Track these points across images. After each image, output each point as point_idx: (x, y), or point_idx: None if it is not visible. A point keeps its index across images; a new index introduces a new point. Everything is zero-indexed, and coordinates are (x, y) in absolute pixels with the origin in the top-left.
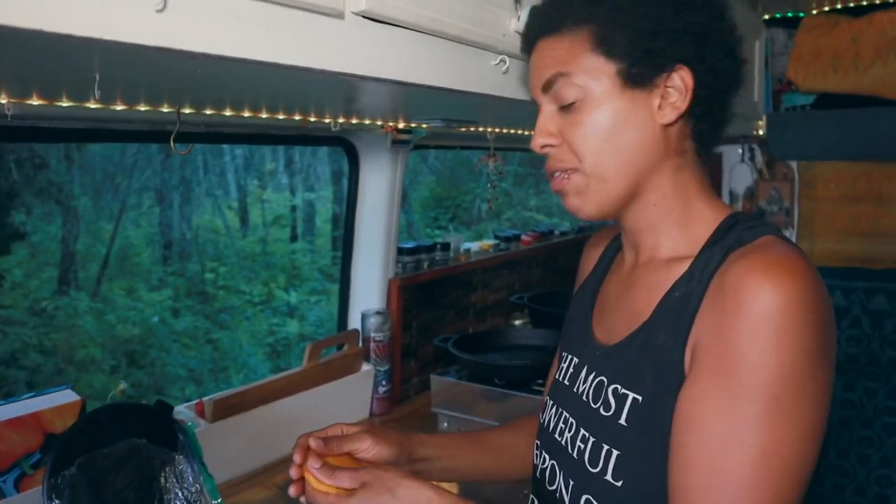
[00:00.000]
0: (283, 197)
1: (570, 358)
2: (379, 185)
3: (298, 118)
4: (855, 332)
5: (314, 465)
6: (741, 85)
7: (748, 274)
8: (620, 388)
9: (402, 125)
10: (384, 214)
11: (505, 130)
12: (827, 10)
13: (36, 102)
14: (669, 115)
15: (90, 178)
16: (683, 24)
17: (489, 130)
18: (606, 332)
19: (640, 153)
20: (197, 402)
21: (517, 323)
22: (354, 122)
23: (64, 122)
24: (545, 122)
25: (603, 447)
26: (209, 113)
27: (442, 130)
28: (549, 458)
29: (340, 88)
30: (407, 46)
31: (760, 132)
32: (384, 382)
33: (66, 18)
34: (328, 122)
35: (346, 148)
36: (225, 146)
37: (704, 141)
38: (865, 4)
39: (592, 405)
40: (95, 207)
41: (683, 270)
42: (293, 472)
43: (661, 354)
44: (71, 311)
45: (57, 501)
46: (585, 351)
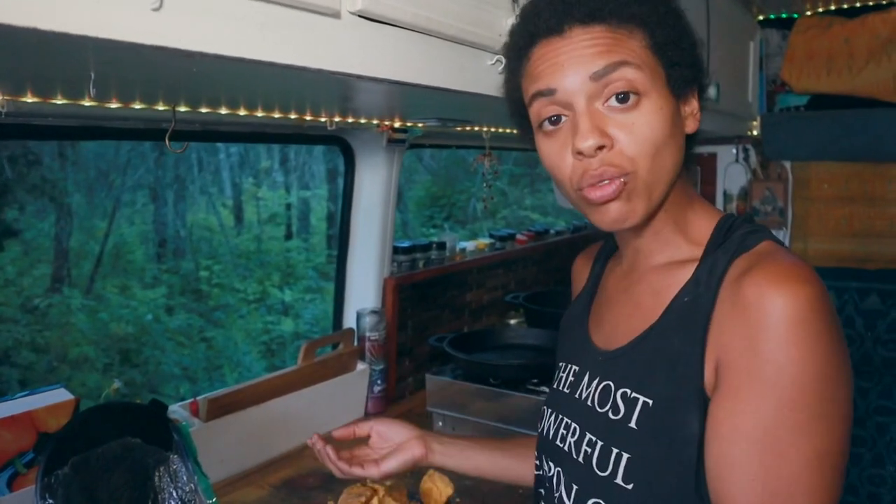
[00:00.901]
0: (277, 195)
1: (569, 367)
2: (374, 184)
3: (294, 117)
4: (848, 331)
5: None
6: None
7: (767, 285)
8: (630, 391)
9: (397, 124)
10: (380, 213)
11: (500, 130)
12: (821, 11)
13: (30, 100)
14: (692, 125)
15: (84, 175)
16: (694, 43)
17: (485, 130)
18: (607, 337)
19: (679, 159)
20: (191, 401)
21: (512, 322)
22: (350, 121)
23: (58, 119)
24: (597, 118)
25: (612, 451)
26: (205, 111)
27: (437, 129)
28: (553, 465)
29: (336, 87)
30: (403, 46)
31: (754, 133)
32: (379, 382)
33: (61, 16)
34: (324, 120)
35: (341, 147)
36: (219, 144)
37: (690, 150)
38: (859, 6)
39: (599, 409)
40: (89, 204)
41: (687, 274)
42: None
43: (676, 359)
44: (64, 308)
45: (51, 501)
46: (586, 358)
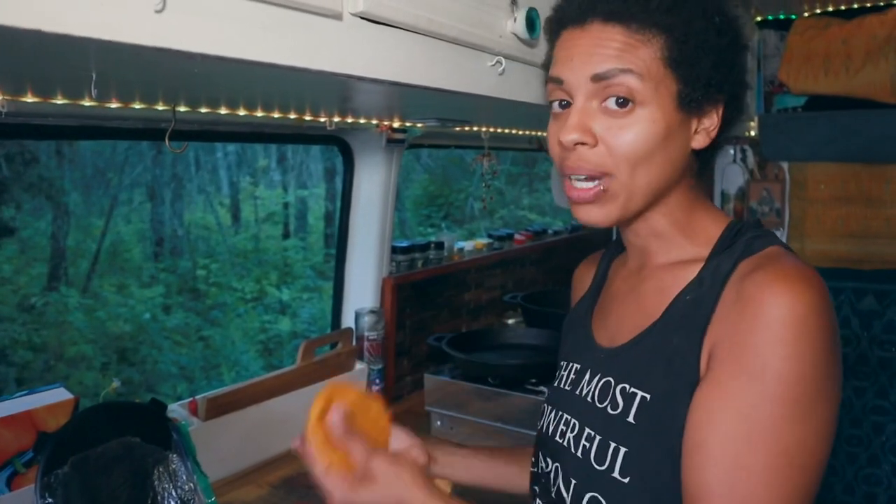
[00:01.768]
0: (275, 194)
1: (570, 365)
2: (373, 183)
3: (293, 117)
4: (844, 332)
5: (336, 415)
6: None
7: (767, 284)
8: (629, 387)
9: (396, 124)
10: (378, 213)
11: (499, 130)
12: (818, 12)
13: (30, 100)
14: (702, 141)
15: (81, 173)
16: (733, 62)
17: (484, 130)
18: (610, 335)
19: (669, 172)
20: (190, 400)
21: (510, 322)
22: (349, 121)
23: (58, 119)
24: (584, 116)
25: (610, 445)
26: (204, 111)
27: (436, 129)
28: (551, 461)
29: (337, 88)
30: (404, 47)
31: (752, 133)
32: (378, 381)
33: (64, 18)
34: (323, 121)
35: (340, 147)
36: (217, 143)
37: (706, 161)
38: (856, 7)
39: (598, 405)
40: (86, 203)
41: (692, 274)
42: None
43: (674, 355)
44: (61, 307)
45: (50, 500)
46: (588, 356)
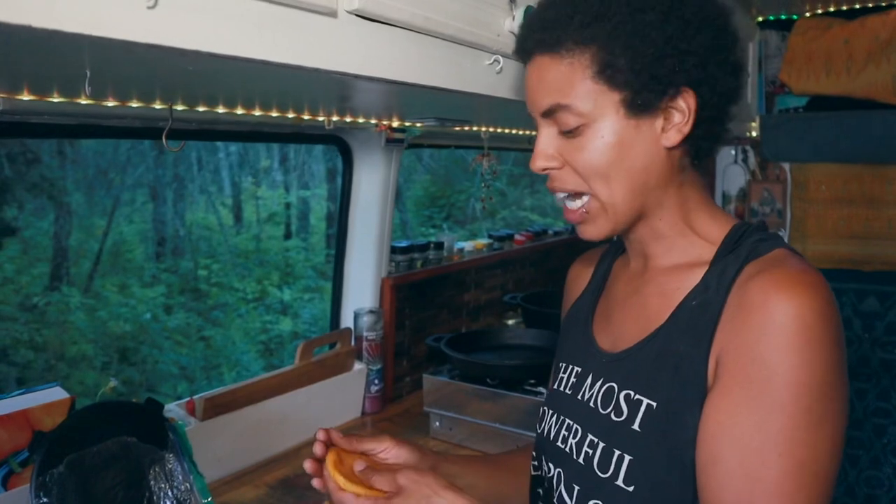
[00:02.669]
0: (277, 194)
1: (570, 368)
2: (372, 183)
3: (292, 116)
4: (846, 333)
5: (358, 466)
6: (741, 98)
7: (774, 289)
8: (634, 393)
9: (396, 124)
10: (378, 213)
11: (499, 130)
12: (820, 12)
13: (27, 98)
14: (673, 137)
15: (83, 173)
16: (687, 46)
17: (483, 130)
18: (612, 339)
19: (646, 177)
20: (188, 400)
21: (510, 322)
22: (348, 120)
23: (55, 117)
24: (545, 144)
25: (614, 452)
26: (202, 110)
27: (436, 129)
28: (552, 466)
29: (334, 87)
30: (400, 45)
31: (753, 134)
32: (376, 381)
33: (55, 13)
34: (322, 120)
35: (339, 146)
36: (219, 143)
37: (701, 155)
38: (858, 8)
39: (601, 411)
40: (88, 203)
41: (696, 278)
42: (309, 466)
43: (681, 362)
44: (62, 307)
45: (45, 499)
46: (589, 359)
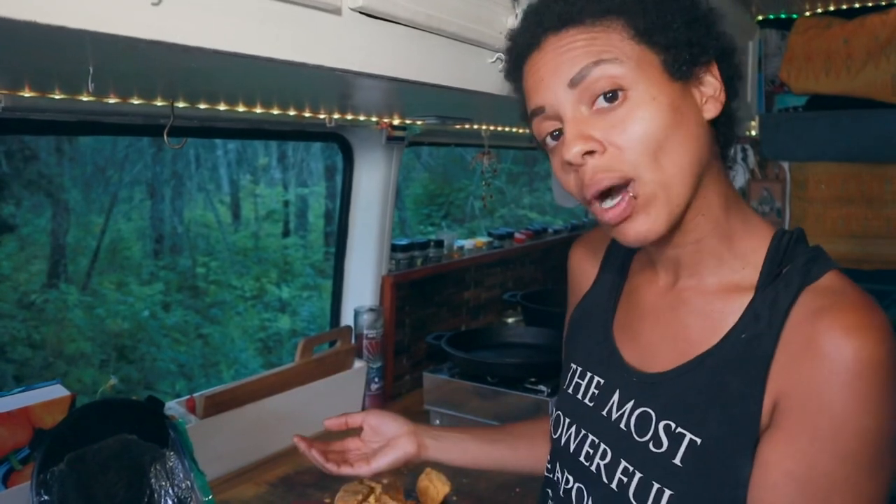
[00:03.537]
0: (275, 192)
1: (589, 376)
2: (373, 181)
3: (293, 113)
4: None
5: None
6: (739, 81)
7: (844, 335)
8: (675, 426)
9: (396, 122)
10: (378, 211)
11: (499, 128)
12: (820, 11)
13: (28, 94)
14: (713, 108)
15: (81, 170)
16: (705, 18)
17: (484, 128)
18: (641, 356)
19: (697, 152)
20: (188, 398)
21: (510, 321)
22: (349, 118)
23: (56, 114)
24: (580, 125)
25: (653, 485)
26: (203, 107)
27: (437, 127)
28: (572, 479)
29: (336, 84)
30: (403, 43)
31: (753, 133)
32: (376, 379)
33: (59, 10)
34: (323, 117)
35: (340, 144)
36: (217, 140)
37: (728, 138)
38: (858, 7)
39: (637, 437)
40: (86, 200)
41: (742, 302)
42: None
43: (731, 399)
44: (60, 304)
45: (46, 497)
46: (614, 374)
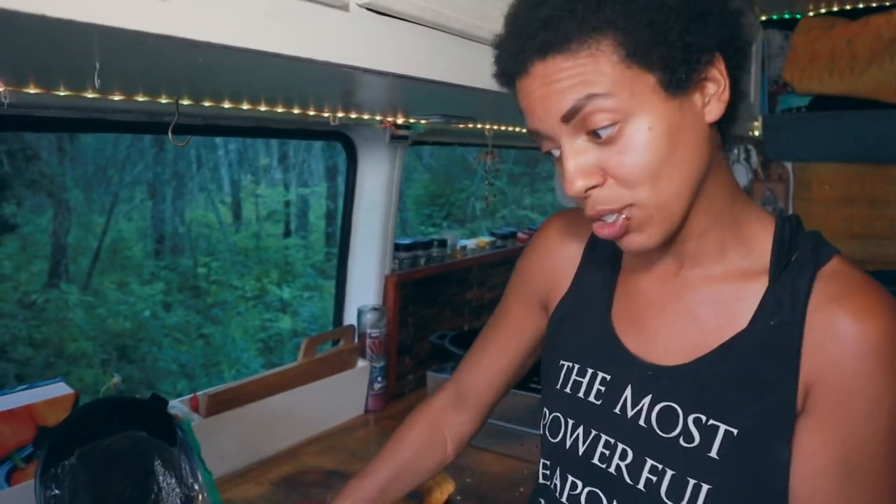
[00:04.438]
0: (276, 192)
1: (590, 372)
2: (377, 180)
3: (297, 112)
4: None
5: None
6: (751, 51)
7: (867, 319)
8: (706, 418)
9: (400, 120)
10: (382, 210)
11: (503, 127)
12: (823, 12)
13: (32, 91)
14: (716, 109)
15: (82, 170)
16: (702, 8)
17: (487, 127)
18: (650, 348)
19: (696, 163)
20: (191, 396)
21: None
22: (353, 116)
23: (60, 111)
24: (577, 158)
25: (688, 481)
26: (208, 105)
27: (440, 126)
28: (582, 484)
29: (341, 81)
30: (410, 40)
31: (756, 133)
32: (379, 379)
33: (68, 3)
34: (327, 116)
35: (344, 143)
36: (218, 140)
37: (735, 128)
38: (862, 7)
39: (662, 434)
40: (87, 200)
41: (756, 289)
42: None
43: (765, 387)
44: (61, 304)
45: (57, 490)
46: (620, 367)
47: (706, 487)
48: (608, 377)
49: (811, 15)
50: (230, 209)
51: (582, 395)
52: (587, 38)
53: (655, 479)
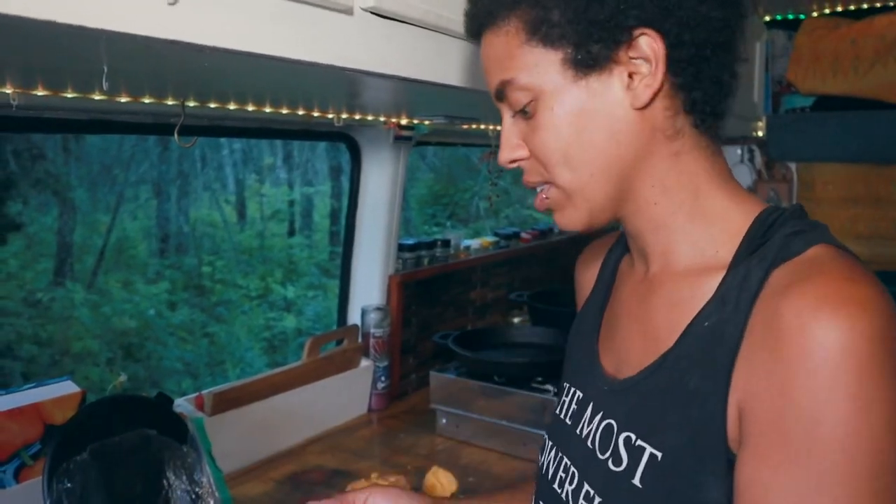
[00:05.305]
0: (281, 191)
1: (573, 391)
2: (380, 180)
3: (302, 113)
4: None
5: None
6: (735, 30)
7: (812, 311)
8: (635, 437)
9: (404, 121)
10: (385, 210)
11: None
12: (827, 12)
13: (41, 93)
14: (643, 94)
15: (87, 169)
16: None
17: (491, 127)
18: (616, 361)
19: (615, 148)
20: (196, 395)
21: (516, 320)
22: (357, 117)
23: (68, 113)
24: (509, 132)
25: None
26: (213, 106)
27: (444, 127)
28: None
29: (346, 84)
30: (414, 43)
31: (760, 133)
32: (383, 378)
33: (78, 9)
34: (331, 117)
35: (348, 143)
36: (223, 140)
37: (704, 112)
38: (866, 7)
39: (599, 455)
40: (92, 199)
41: (712, 285)
42: None
43: (691, 403)
44: (67, 302)
45: (69, 485)
46: (591, 384)
47: None
48: (581, 395)
49: (815, 15)
50: (235, 208)
51: (563, 415)
52: (507, 13)
53: None
